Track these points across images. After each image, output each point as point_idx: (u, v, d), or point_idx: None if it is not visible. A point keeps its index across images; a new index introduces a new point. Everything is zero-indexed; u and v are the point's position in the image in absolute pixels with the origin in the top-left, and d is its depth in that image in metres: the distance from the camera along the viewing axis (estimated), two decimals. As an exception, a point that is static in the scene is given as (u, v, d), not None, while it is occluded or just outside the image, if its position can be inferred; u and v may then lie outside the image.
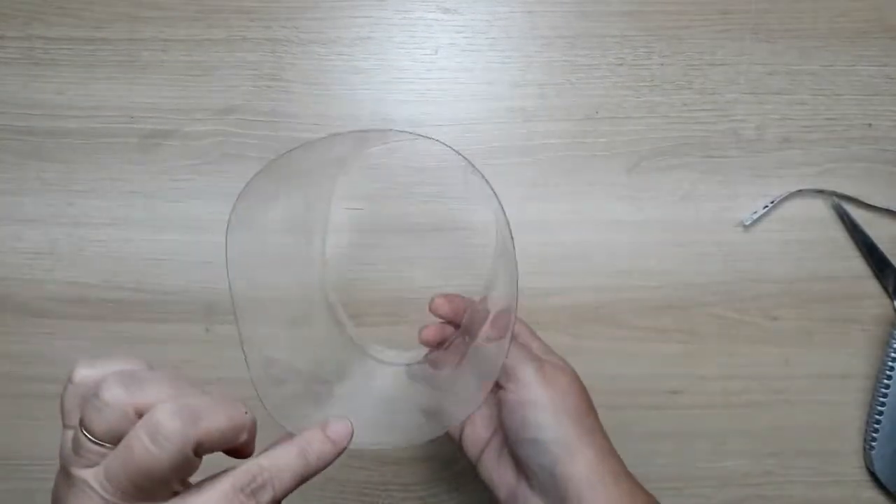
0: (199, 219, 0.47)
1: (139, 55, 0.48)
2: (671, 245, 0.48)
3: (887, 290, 0.47)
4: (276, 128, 0.48)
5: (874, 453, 0.46)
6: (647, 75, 0.48)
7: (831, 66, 0.48)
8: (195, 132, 0.48)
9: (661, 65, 0.48)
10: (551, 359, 0.36)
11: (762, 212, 0.47)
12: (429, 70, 0.48)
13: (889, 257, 0.47)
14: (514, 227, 0.47)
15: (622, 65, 0.48)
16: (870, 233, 0.47)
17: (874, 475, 0.46)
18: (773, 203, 0.47)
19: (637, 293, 0.47)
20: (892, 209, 0.47)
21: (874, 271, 0.47)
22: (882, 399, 0.46)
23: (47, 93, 0.48)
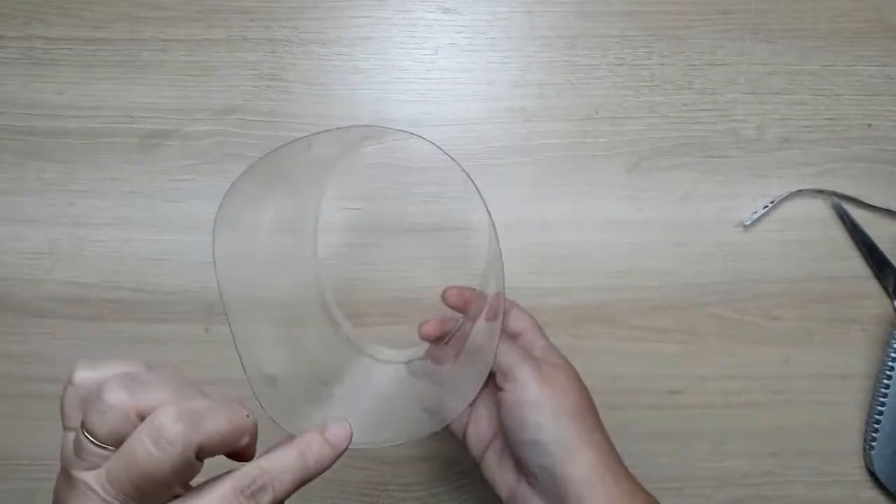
0: (199, 219, 0.47)
1: (139, 55, 0.48)
2: (671, 245, 0.48)
3: (887, 290, 0.47)
4: (276, 128, 0.48)
5: (874, 453, 0.46)
6: (647, 75, 0.48)
7: (831, 66, 0.48)
8: (195, 132, 0.48)
9: (661, 65, 0.48)
10: (552, 359, 0.36)
11: (762, 212, 0.47)
12: (429, 70, 0.48)
13: (889, 257, 0.47)
14: (514, 227, 0.47)
15: (622, 65, 0.48)
16: (870, 233, 0.47)
17: (874, 475, 0.46)
18: (773, 203, 0.47)
19: (637, 293, 0.47)
20: (891, 209, 0.47)
21: (874, 271, 0.47)
22: (882, 399, 0.46)
23: (47, 93, 0.48)
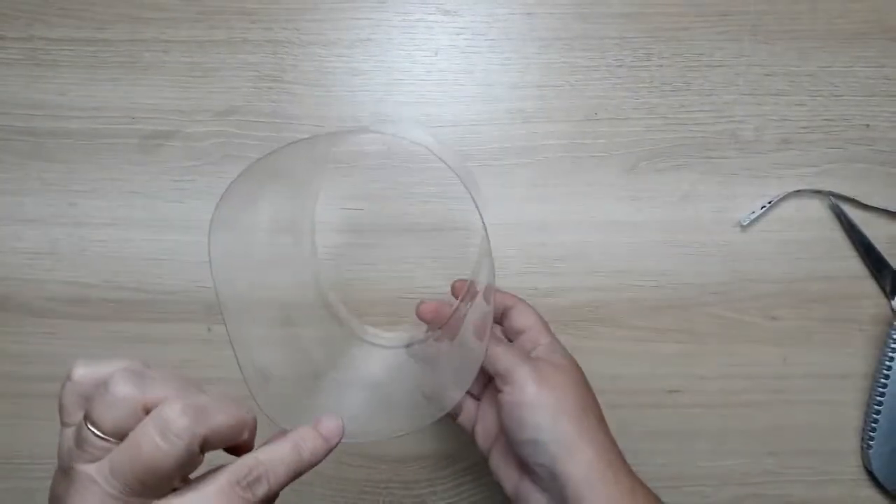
0: (200, 219, 0.47)
1: (141, 56, 0.48)
2: (670, 245, 0.48)
3: (885, 290, 0.47)
4: (276, 129, 0.48)
5: (872, 452, 0.46)
6: (646, 77, 0.48)
7: (829, 67, 0.48)
8: (196, 133, 0.48)
9: (660, 66, 0.48)
10: (554, 358, 0.36)
11: (760, 212, 0.47)
12: (429, 72, 0.49)
13: (886, 257, 0.47)
14: (514, 227, 0.48)
15: (621, 66, 0.48)
16: (867, 233, 0.47)
17: (872, 474, 0.46)
18: (771, 203, 0.47)
19: (636, 293, 0.48)
20: (889, 209, 0.47)
21: (872, 271, 0.48)
22: (879, 398, 0.46)
23: (49, 93, 0.48)
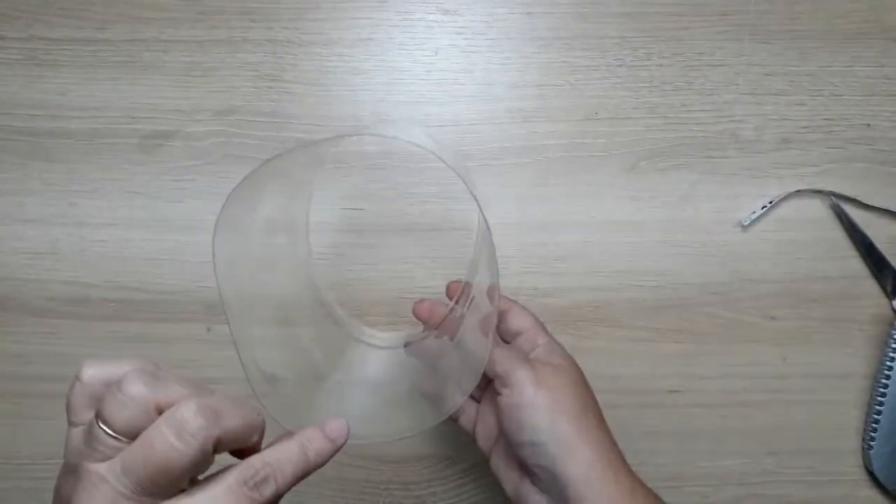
0: (201, 219, 0.48)
1: (141, 56, 0.48)
2: (670, 245, 0.48)
3: (885, 290, 0.47)
4: (277, 128, 0.48)
5: (872, 452, 0.46)
6: (646, 76, 0.48)
7: (829, 66, 0.48)
8: (196, 133, 0.48)
9: (660, 66, 0.48)
10: (552, 359, 0.36)
11: (761, 212, 0.47)
12: (429, 71, 0.49)
13: (887, 257, 0.47)
14: (514, 227, 0.48)
15: (621, 66, 0.48)
16: (868, 233, 0.47)
17: (872, 474, 0.46)
18: (771, 203, 0.47)
19: (636, 293, 0.48)
20: (890, 209, 0.47)
21: (872, 271, 0.47)
22: (880, 398, 0.46)
23: (49, 93, 0.48)
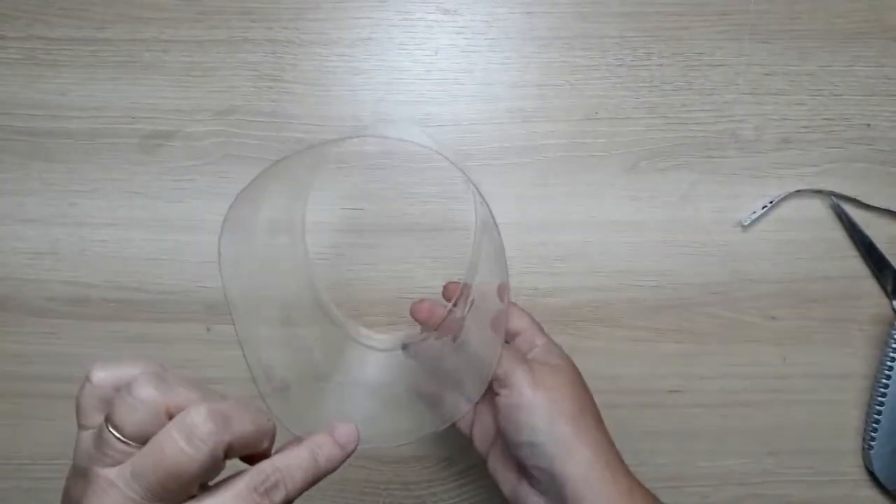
0: (201, 219, 0.48)
1: (141, 56, 0.48)
2: (670, 245, 0.48)
3: (885, 290, 0.47)
4: (277, 128, 0.48)
5: (873, 452, 0.46)
6: (646, 76, 0.48)
7: (829, 66, 0.48)
8: (196, 133, 0.48)
9: (660, 66, 0.48)
10: (550, 359, 0.36)
11: (761, 212, 0.47)
12: (429, 71, 0.48)
13: (887, 257, 0.47)
14: (514, 227, 0.47)
15: (621, 66, 0.48)
16: (868, 233, 0.47)
17: (873, 474, 0.46)
18: (771, 203, 0.47)
19: (636, 293, 0.47)
20: (890, 209, 0.47)
21: (872, 271, 0.47)
22: (880, 398, 0.46)
23: (49, 93, 0.48)
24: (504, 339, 0.34)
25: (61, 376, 0.47)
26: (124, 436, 0.24)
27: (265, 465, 0.26)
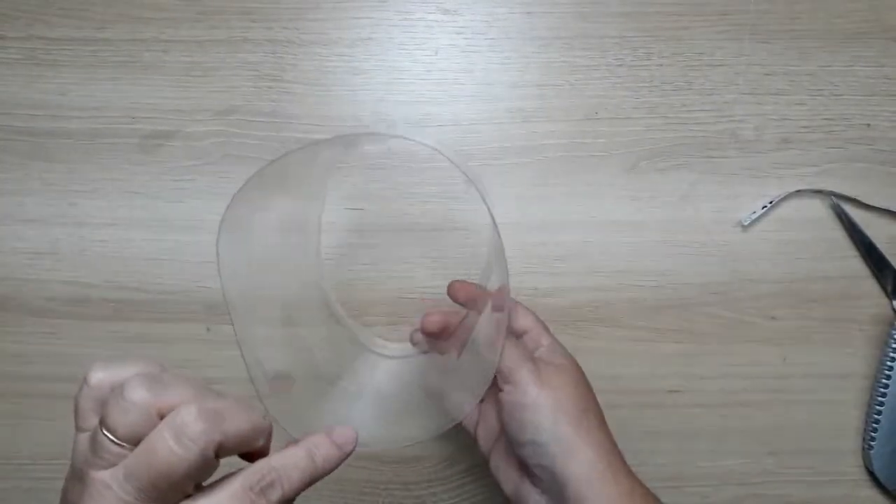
0: (201, 219, 0.48)
1: (141, 56, 0.48)
2: (670, 245, 0.48)
3: (885, 290, 0.47)
4: (277, 128, 0.48)
5: (873, 452, 0.46)
6: (646, 76, 0.48)
7: (829, 66, 0.48)
8: (196, 133, 0.48)
9: (660, 66, 0.48)
10: (555, 359, 0.36)
11: (761, 212, 0.47)
12: (429, 71, 0.48)
13: (887, 257, 0.47)
14: (514, 227, 0.47)
15: (621, 66, 0.48)
16: (868, 233, 0.47)
17: (873, 474, 0.46)
18: (771, 203, 0.47)
19: (636, 293, 0.47)
20: (890, 209, 0.47)
21: (872, 271, 0.47)
22: (880, 398, 0.46)
23: (49, 93, 0.48)
24: (505, 338, 0.34)
25: (61, 376, 0.47)
26: (117, 438, 0.24)
27: (261, 465, 0.26)
